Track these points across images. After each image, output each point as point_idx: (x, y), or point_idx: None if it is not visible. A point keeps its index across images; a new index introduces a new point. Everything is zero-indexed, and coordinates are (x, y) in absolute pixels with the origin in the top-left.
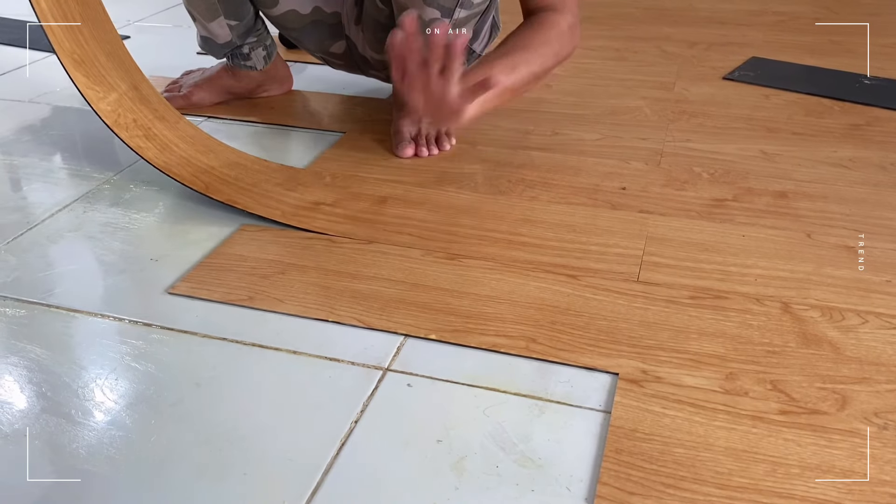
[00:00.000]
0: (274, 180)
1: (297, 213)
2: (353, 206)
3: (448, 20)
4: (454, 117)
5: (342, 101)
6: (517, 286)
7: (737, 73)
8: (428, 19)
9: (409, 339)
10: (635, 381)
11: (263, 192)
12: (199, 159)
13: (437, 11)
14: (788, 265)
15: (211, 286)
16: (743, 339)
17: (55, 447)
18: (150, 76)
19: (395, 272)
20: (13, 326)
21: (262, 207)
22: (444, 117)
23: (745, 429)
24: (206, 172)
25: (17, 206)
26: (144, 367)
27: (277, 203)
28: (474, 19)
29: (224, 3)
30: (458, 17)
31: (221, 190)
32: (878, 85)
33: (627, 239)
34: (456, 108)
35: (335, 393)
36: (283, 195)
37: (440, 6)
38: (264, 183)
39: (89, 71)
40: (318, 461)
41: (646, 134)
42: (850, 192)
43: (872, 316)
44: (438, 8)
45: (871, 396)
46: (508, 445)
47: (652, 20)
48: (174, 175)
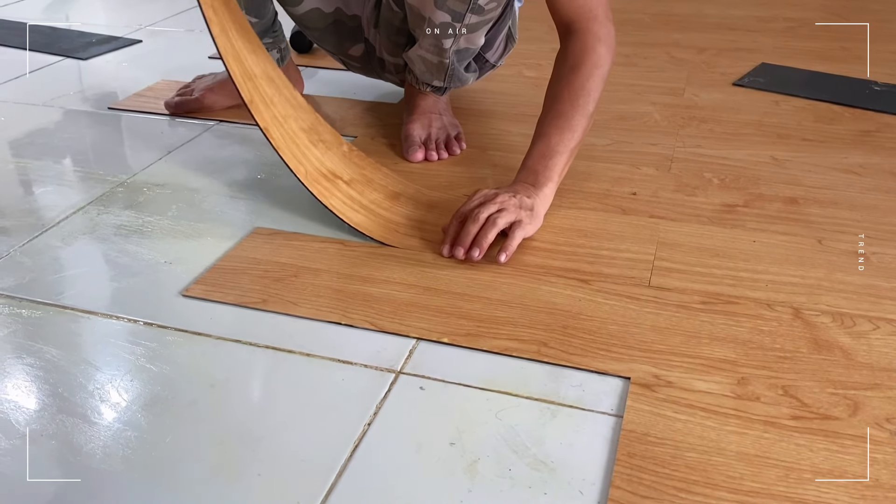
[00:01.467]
0: (300, 122)
1: (318, 179)
2: (367, 195)
3: (459, 24)
4: None
5: (353, 105)
6: (529, 290)
7: (746, 78)
8: (438, 23)
9: (422, 343)
10: (647, 385)
11: (291, 133)
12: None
13: (447, 15)
14: (799, 271)
15: (225, 289)
16: (754, 344)
17: (72, 447)
18: (162, 80)
19: (407, 276)
20: (29, 327)
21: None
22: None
23: (757, 434)
24: (250, 79)
25: (32, 208)
26: (159, 368)
27: (302, 156)
28: (486, 26)
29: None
30: (468, 21)
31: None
32: (888, 91)
33: (638, 244)
34: None
35: (348, 395)
36: (307, 149)
37: (451, 10)
38: (292, 120)
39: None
40: (332, 463)
41: (656, 139)
42: (860, 199)
43: (884, 322)
44: (449, 12)
45: (882, 402)
46: (521, 448)
47: (661, 26)
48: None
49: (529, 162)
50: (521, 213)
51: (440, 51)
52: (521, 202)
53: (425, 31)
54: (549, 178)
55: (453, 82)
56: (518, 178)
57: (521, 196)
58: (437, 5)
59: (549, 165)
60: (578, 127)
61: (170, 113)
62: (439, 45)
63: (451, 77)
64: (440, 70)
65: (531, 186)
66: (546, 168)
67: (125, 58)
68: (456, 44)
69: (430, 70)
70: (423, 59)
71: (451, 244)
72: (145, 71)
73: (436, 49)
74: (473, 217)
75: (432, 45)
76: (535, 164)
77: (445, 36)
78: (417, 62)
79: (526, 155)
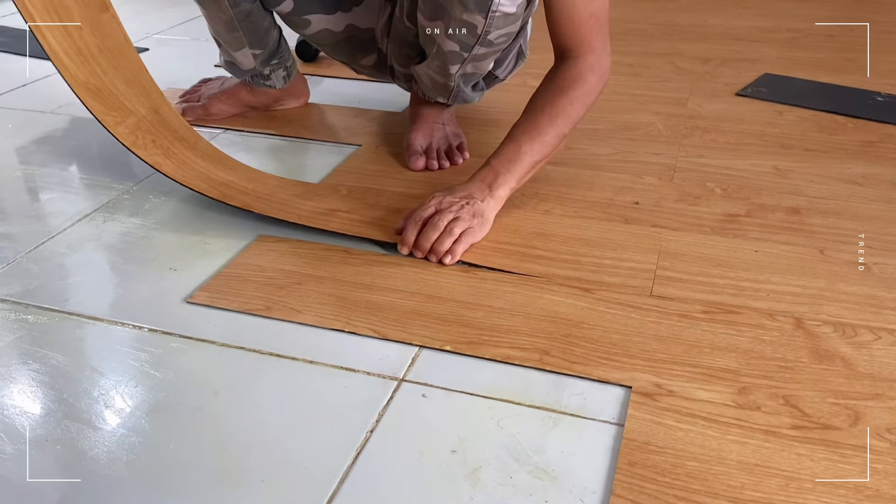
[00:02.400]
0: (291, 191)
1: (313, 216)
2: (368, 214)
3: (467, 54)
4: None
5: (358, 114)
6: (531, 299)
7: (750, 89)
8: (447, 51)
9: (424, 351)
10: (648, 394)
11: (280, 200)
12: (217, 174)
13: (456, 45)
14: (801, 281)
15: (229, 296)
16: (756, 353)
17: (76, 452)
18: (169, 88)
19: (410, 284)
20: (35, 333)
21: (279, 212)
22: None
23: (758, 443)
24: (223, 185)
25: (38, 215)
26: (164, 374)
27: (293, 208)
28: (494, 56)
29: (249, 34)
30: (476, 52)
31: (238, 198)
32: (891, 102)
33: (641, 253)
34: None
35: (351, 403)
36: (300, 203)
37: (460, 41)
38: (281, 193)
39: (106, 99)
40: (335, 470)
41: (659, 149)
42: (863, 209)
43: (885, 332)
44: (458, 43)
45: (883, 412)
46: (522, 457)
47: (665, 36)
48: (191, 186)
49: (494, 162)
50: (473, 221)
51: (446, 75)
52: (473, 209)
53: (433, 53)
54: (506, 182)
55: (458, 101)
56: (478, 174)
57: (475, 202)
58: (447, 35)
59: (511, 170)
60: (549, 144)
61: None
62: (446, 69)
63: (456, 97)
64: (445, 90)
65: (487, 188)
66: (508, 172)
67: None
68: (462, 69)
69: (436, 88)
70: (430, 77)
71: (411, 247)
72: None
73: (442, 72)
74: (433, 224)
75: (439, 68)
76: (498, 165)
77: (452, 62)
78: (425, 78)
79: (492, 154)
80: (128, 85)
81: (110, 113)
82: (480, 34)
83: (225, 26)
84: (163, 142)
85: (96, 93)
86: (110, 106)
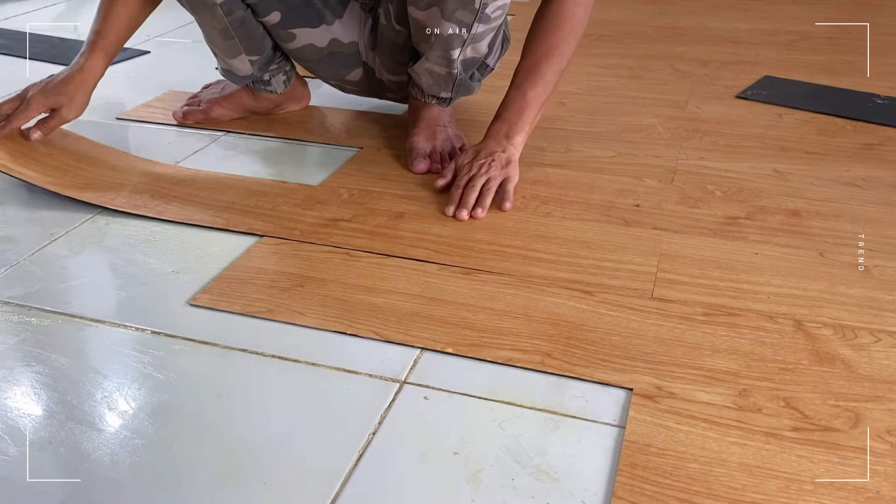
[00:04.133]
0: (292, 201)
1: (315, 231)
2: (370, 222)
3: (467, 34)
4: None
5: (358, 116)
6: (532, 301)
7: (750, 91)
8: (446, 35)
9: (426, 353)
10: (649, 396)
11: (282, 214)
12: (219, 199)
13: (455, 26)
14: (801, 283)
15: (231, 298)
16: (756, 356)
17: (79, 454)
18: (170, 91)
19: (411, 286)
20: (38, 336)
21: (281, 230)
22: None
23: (759, 445)
24: (226, 210)
25: (41, 218)
26: (166, 376)
27: (296, 224)
28: (491, 34)
29: (245, 40)
30: (475, 31)
31: (241, 221)
32: (891, 104)
33: (641, 255)
34: None
35: (353, 405)
36: (301, 215)
37: (459, 21)
38: (283, 205)
39: (98, 187)
40: (337, 472)
41: (659, 152)
42: (862, 212)
43: (885, 334)
44: (457, 23)
45: (883, 414)
46: (524, 459)
47: (665, 39)
48: (195, 222)
49: (505, 113)
50: (506, 170)
51: (448, 62)
52: (500, 162)
53: (432, 43)
54: (521, 129)
55: (460, 92)
56: (492, 129)
57: (498, 155)
58: (444, 17)
59: (522, 117)
60: (552, 82)
61: (177, 123)
62: (447, 56)
63: (459, 87)
64: (448, 81)
65: (504, 139)
66: (520, 119)
67: (133, 69)
68: (463, 53)
69: (438, 82)
70: (430, 72)
71: (457, 206)
72: (153, 82)
73: (444, 60)
74: (471, 186)
75: (440, 57)
76: (510, 115)
77: (453, 46)
78: (424, 75)
79: (501, 105)
80: (114, 170)
81: (105, 193)
82: (478, 8)
83: (220, 34)
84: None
85: (86, 188)
86: (103, 190)
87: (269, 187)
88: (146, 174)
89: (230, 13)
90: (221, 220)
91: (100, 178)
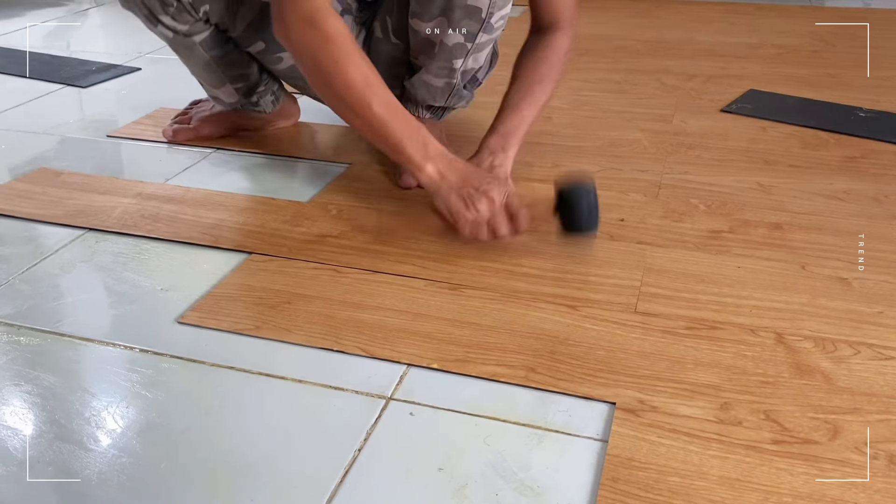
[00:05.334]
0: (281, 218)
1: (303, 247)
2: (358, 238)
3: (471, 44)
4: None
5: (348, 132)
6: (518, 316)
7: (735, 105)
8: (451, 44)
9: (412, 369)
10: (632, 410)
11: (270, 230)
12: (208, 216)
13: (461, 36)
14: (783, 296)
15: (219, 316)
16: (737, 369)
17: (68, 473)
18: (160, 108)
19: (398, 302)
20: (27, 355)
21: (269, 247)
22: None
23: (739, 458)
24: (214, 227)
25: (31, 236)
26: (155, 395)
27: (284, 240)
28: (490, 45)
29: (228, 71)
30: (479, 41)
31: (230, 238)
32: (872, 117)
33: (626, 270)
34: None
35: (340, 421)
36: (290, 231)
37: (465, 32)
38: (271, 222)
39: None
40: (323, 488)
41: (644, 166)
42: (844, 224)
43: (864, 347)
44: (463, 34)
45: (861, 426)
46: (508, 474)
47: (652, 53)
48: (184, 239)
49: (501, 129)
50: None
51: (450, 71)
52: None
53: (435, 54)
54: (516, 142)
55: (454, 101)
56: (488, 142)
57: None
58: (451, 26)
59: (517, 134)
60: (543, 105)
61: (168, 141)
62: (450, 66)
63: (454, 97)
64: (444, 91)
65: (500, 151)
66: (515, 135)
67: (125, 85)
68: (465, 63)
69: (433, 94)
70: (427, 84)
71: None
72: (144, 99)
73: (445, 71)
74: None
75: (442, 68)
76: (506, 130)
77: (457, 56)
78: (420, 87)
79: (496, 120)
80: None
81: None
82: (484, 18)
83: (202, 68)
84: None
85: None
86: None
87: (258, 204)
88: (137, 195)
89: (211, 49)
90: (210, 237)
91: (91, 205)
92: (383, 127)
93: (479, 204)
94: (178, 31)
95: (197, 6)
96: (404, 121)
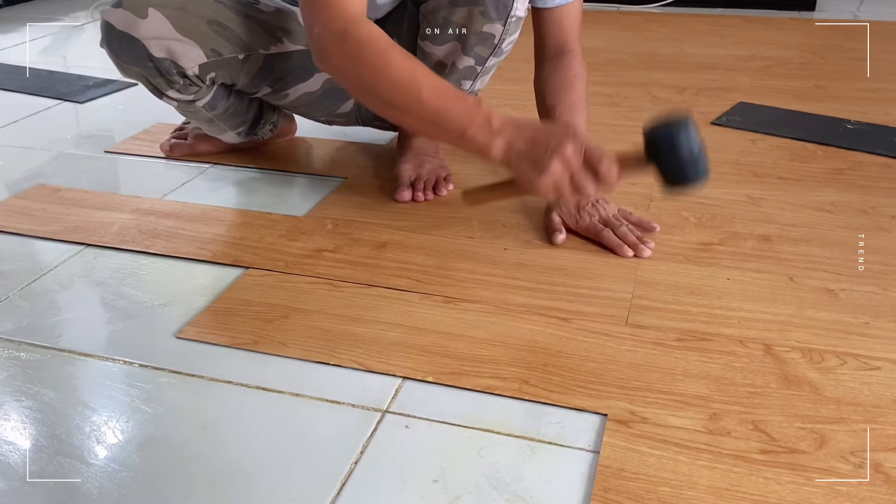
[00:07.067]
0: (277, 232)
1: (299, 261)
2: (353, 252)
3: (481, 67)
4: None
5: (343, 146)
6: (511, 329)
7: (724, 118)
8: (462, 67)
9: (407, 382)
10: (623, 421)
11: (267, 245)
12: (206, 231)
13: (472, 60)
14: (771, 308)
15: (217, 330)
16: (726, 380)
17: (68, 488)
18: (158, 123)
19: (393, 316)
20: (27, 370)
21: (266, 261)
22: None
23: (727, 468)
24: (212, 242)
25: (30, 252)
26: (153, 409)
27: (281, 255)
28: (496, 67)
29: (230, 121)
30: (488, 64)
31: (227, 253)
32: (860, 130)
33: (617, 282)
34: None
35: (336, 435)
36: (286, 246)
37: (476, 55)
38: (268, 237)
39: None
40: (320, 501)
41: (636, 179)
42: (831, 236)
43: (851, 357)
44: (474, 57)
45: (847, 436)
46: (502, 485)
47: (643, 66)
48: (182, 255)
49: (566, 116)
50: (580, 139)
51: None
52: (571, 137)
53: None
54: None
55: None
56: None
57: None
58: (464, 52)
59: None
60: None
61: (165, 156)
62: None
63: None
64: None
65: (571, 119)
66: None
67: (122, 101)
68: (473, 86)
69: None
70: None
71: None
72: (141, 114)
73: None
74: (616, 226)
75: None
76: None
77: (466, 78)
78: None
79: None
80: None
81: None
82: (497, 43)
83: (206, 124)
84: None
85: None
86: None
87: (255, 219)
88: (135, 210)
89: (213, 109)
90: (208, 252)
91: (89, 221)
92: (439, 116)
93: (552, 166)
94: (183, 101)
95: (203, 76)
96: (459, 104)
